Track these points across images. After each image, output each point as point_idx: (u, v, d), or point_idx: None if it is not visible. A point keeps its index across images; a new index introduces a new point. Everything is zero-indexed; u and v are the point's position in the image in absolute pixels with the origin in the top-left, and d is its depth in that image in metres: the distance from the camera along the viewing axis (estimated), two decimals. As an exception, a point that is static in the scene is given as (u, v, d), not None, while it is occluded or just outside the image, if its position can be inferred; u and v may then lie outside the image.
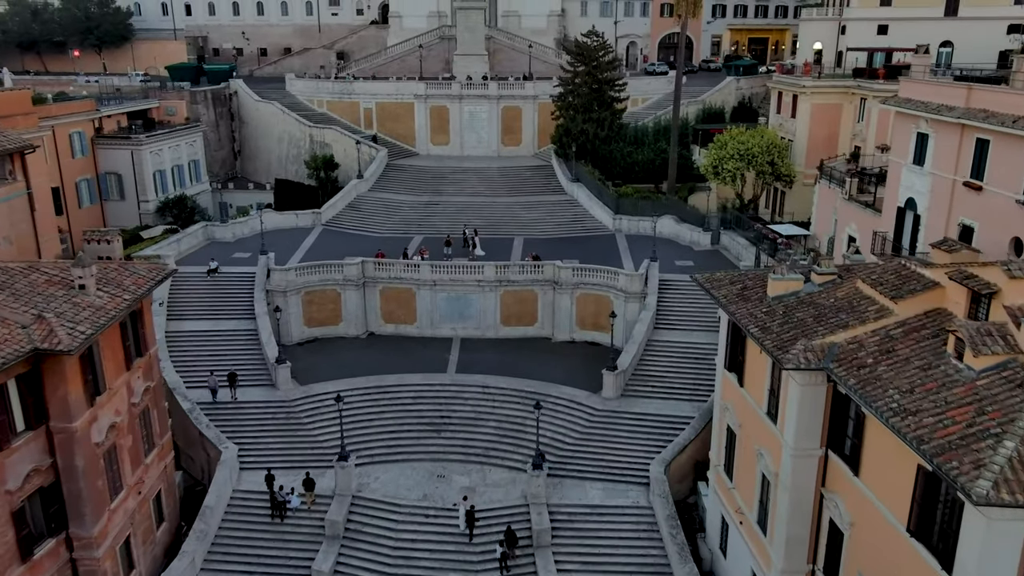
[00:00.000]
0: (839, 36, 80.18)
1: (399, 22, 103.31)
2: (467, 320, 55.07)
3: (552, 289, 54.20)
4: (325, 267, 54.39)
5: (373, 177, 74.21)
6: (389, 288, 55.15)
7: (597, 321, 53.82)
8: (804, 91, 63.79)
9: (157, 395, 37.52)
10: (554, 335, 54.77)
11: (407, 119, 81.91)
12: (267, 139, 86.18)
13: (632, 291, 51.73)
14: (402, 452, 43.27)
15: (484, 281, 54.14)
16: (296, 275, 53.72)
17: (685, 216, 64.74)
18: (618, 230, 66.06)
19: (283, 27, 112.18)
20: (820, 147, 64.51)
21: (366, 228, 67.94)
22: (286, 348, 52.69)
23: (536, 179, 75.06)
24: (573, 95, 72.30)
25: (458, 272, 54.37)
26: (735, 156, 60.56)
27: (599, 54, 71.56)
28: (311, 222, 69.10)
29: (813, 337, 26.74)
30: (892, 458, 22.91)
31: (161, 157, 71.74)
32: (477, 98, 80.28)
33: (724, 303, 31.42)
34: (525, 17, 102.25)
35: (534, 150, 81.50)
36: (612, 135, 72.08)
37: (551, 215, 68.70)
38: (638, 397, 45.81)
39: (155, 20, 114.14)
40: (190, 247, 61.67)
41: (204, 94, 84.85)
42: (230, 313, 52.97)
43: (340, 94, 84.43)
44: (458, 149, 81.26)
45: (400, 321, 55.56)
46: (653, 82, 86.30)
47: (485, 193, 72.64)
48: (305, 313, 54.46)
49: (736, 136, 61.67)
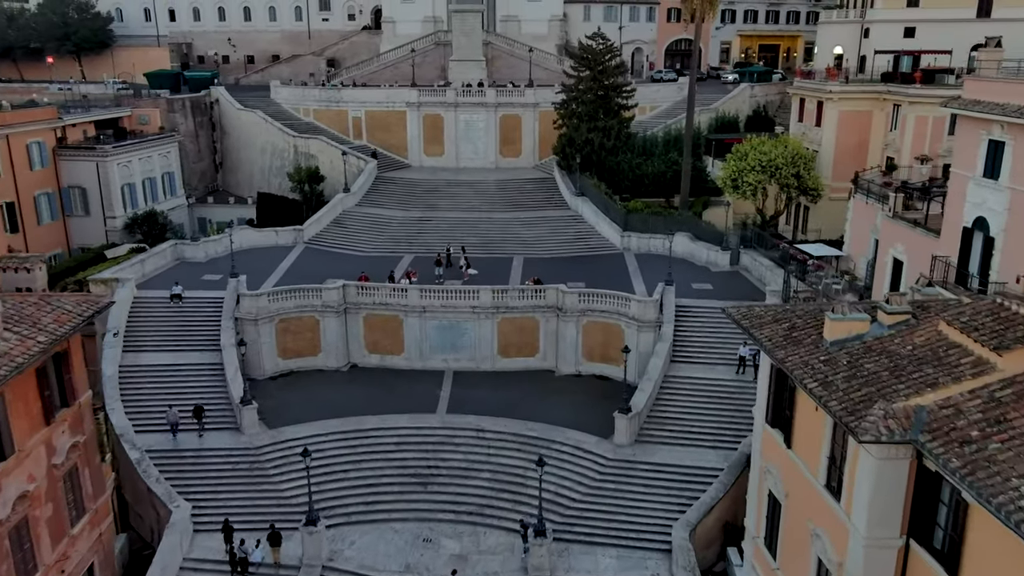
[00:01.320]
0: (861, 39, 74.93)
1: (392, 27, 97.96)
2: (460, 351, 49.31)
3: (555, 316, 48.49)
4: (302, 292, 48.69)
5: (361, 191, 68.61)
6: (373, 315, 49.44)
7: (606, 352, 48.09)
8: (831, 97, 58.27)
9: (89, 450, 31.69)
10: (558, 367, 49.02)
11: (398, 128, 76.38)
12: (249, 150, 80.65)
13: (646, 319, 45.99)
14: (382, 510, 37.41)
15: (479, 307, 48.43)
16: (269, 301, 48.00)
17: (700, 233, 59.09)
18: (627, 249, 60.43)
19: (271, 33, 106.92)
20: (848, 158, 58.92)
21: (352, 246, 62.30)
22: (257, 383, 47.15)
23: (537, 193, 69.47)
24: (577, 102, 66.81)
25: (450, 297, 48.67)
26: (757, 168, 54.95)
27: (605, 58, 66.11)
28: (292, 240, 63.48)
29: (892, 398, 20.94)
30: (1013, 564, 17.14)
31: (130, 169, 66.12)
32: (474, 106, 74.82)
33: (770, 348, 25.65)
34: (525, 22, 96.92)
35: (535, 161, 75.99)
36: (619, 145, 66.51)
37: (553, 232, 63.05)
38: (655, 444, 39.96)
39: (137, 26, 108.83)
40: (156, 268, 55.95)
41: (182, 102, 79.35)
42: (195, 344, 47.19)
43: (327, 102, 78.98)
44: (453, 160, 75.72)
45: (386, 351, 49.82)
46: (662, 89, 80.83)
47: (482, 208, 67.04)
48: (279, 343, 48.70)
49: (757, 146, 56.11)
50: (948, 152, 52.64)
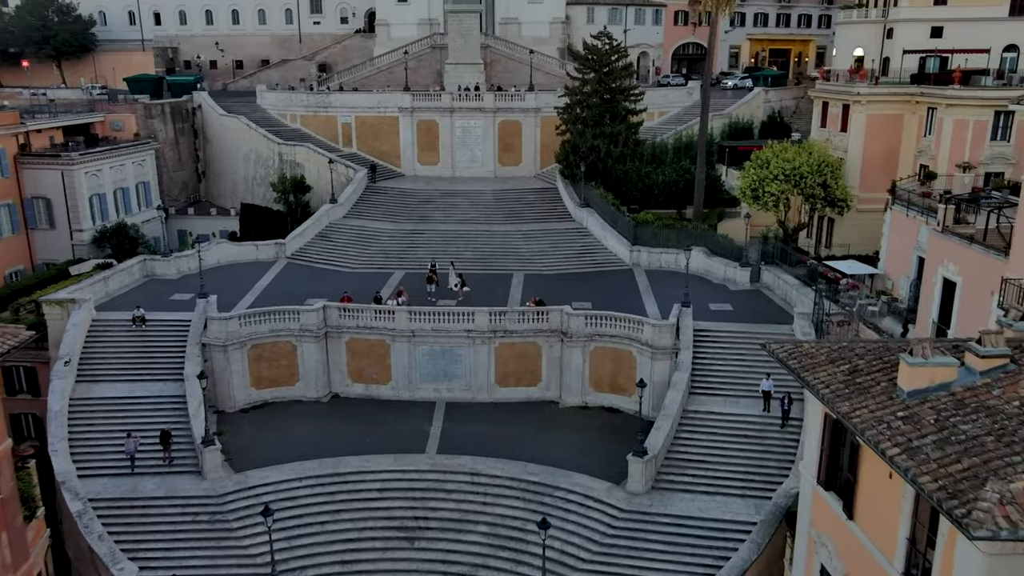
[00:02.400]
0: (884, 40, 70.29)
1: (387, 31, 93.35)
2: (454, 380, 44.39)
3: (559, 341, 43.59)
4: (277, 315, 43.80)
5: (349, 201, 63.81)
6: (357, 340, 44.53)
7: (615, 381, 43.19)
8: (858, 100, 53.49)
9: (8, 511, 26.73)
10: (562, 398, 44.08)
11: (390, 135, 71.66)
12: (232, 158, 75.97)
13: (661, 345, 41.07)
14: (363, 571, 32.41)
15: (475, 331, 43.53)
16: (240, 325, 43.08)
17: (716, 248, 54.25)
18: (636, 264, 55.58)
19: (260, 37, 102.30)
20: (877, 166, 54.21)
21: (338, 262, 57.46)
22: (226, 417, 42.35)
23: (538, 204, 64.65)
24: (581, 106, 62.08)
25: (442, 320, 43.75)
26: (780, 177, 50.13)
27: (611, 59, 61.43)
28: (274, 254, 58.64)
29: (1006, 474, 16.04)
30: None
31: (100, 178, 61.34)
32: (471, 111, 70.11)
33: (830, 398, 20.71)
34: (525, 24, 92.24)
35: (536, 170, 71.24)
36: (627, 153, 61.72)
37: (556, 247, 58.20)
38: (675, 491, 34.96)
39: (121, 30, 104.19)
40: (122, 287, 51.08)
41: (161, 108, 74.76)
42: (157, 373, 42.26)
43: (315, 108, 74.30)
44: (448, 169, 70.97)
45: (371, 380, 44.90)
46: (671, 93, 76.15)
47: (479, 220, 62.21)
48: (252, 372, 43.78)
49: (780, 153, 51.32)
50: (992, 159, 47.99)
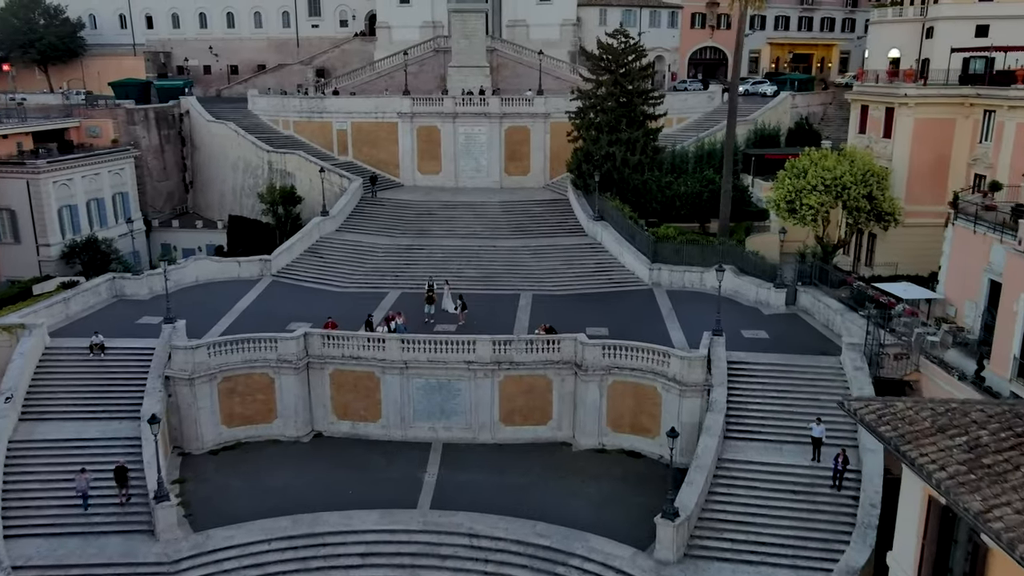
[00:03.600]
0: (923, 40, 64.87)
1: (388, 34, 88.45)
2: (452, 417, 39.02)
3: (573, 375, 38.22)
4: (252, 343, 38.56)
5: (342, 214, 58.67)
6: (343, 371, 39.26)
7: (637, 421, 37.76)
8: (905, 103, 48.07)
9: None
10: (576, 439, 38.66)
11: (388, 143, 66.60)
12: (220, 167, 71.01)
13: (690, 381, 35.62)
14: (337, 660, 27.00)
15: (476, 363, 38.18)
16: (209, 354, 37.84)
17: (746, 266, 48.85)
18: (656, 284, 50.23)
19: (256, 41, 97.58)
20: (925, 175, 48.85)
21: (328, 280, 52.27)
22: (192, 461, 37.17)
23: (548, 217, 59.36)
24: (595, 110, 56.87)
25: (439, 349, 38.39)
26: (820, 188, 44.73)
27: (628, 58, 56.24)
28: (258, 272, 53.53)
29: None
30: None
31: (71, 189, 56.44)
32: (475, 116, 65.00)
33: (951, 487, 15.19)
34: (534, 27, 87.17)
35: (545, 180, 65.99)
36: (645, 161, 56.40)
37: (568, 264, 52.86)
38: (711, 559, 29.45)
39: (112, 34, 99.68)
40: (86, 308, 46.01)
41: (144, 113, 69.91)
42: (113, 410, 37.02)
43: (309, 113, 69.32)
44: (451, 179, 65.81)
45: (358, 417, 39.60)
46: (690, 98, 70.85)
47: (483, 234, 56.95)
48: (224, 407, 38.54)
49: (819, 161, 45.90)
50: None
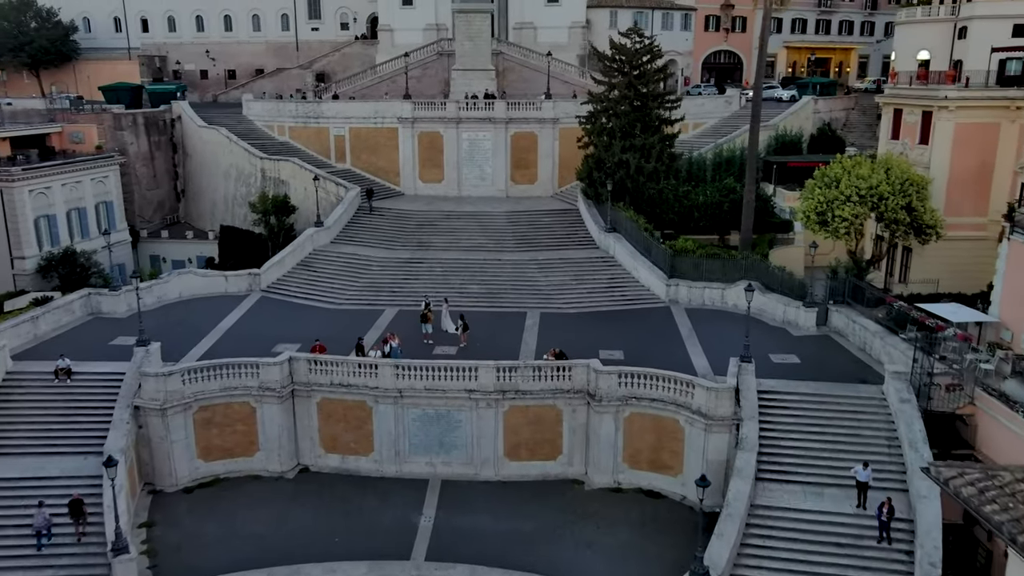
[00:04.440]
0: (954, 41, 61.23)
1: (390, 37, 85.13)
2: (451, 451, 35.35)
3: (585, 405, 34.52)
4: (231, 369, 34.99)
5: (337, 225, 55.15)
6: (332, 400, 35.62)
7: (657, 457, 34.02)
8: (945, 106, 44.34)
9: None
10: (589, 477, 34.93)
11: (388, 149, 63.06)
12: (212, 175, 67.69)
13: (717, 414, 31.87)
14: None
15: (479, 391, 34.51)
16: (184, 382, 34.26)
17: (771, 282, 45.12)
18: (673, 301, 46.55)
19: (254, 44, 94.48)
20: (966, 184, 45.22)
21: (321, 296, 48.68)
22: (164, 500, 33.65)
23: (557, 228, 55.70)
24: (608, 115, 53.27)
25: (438, 376, 34.72)
26: (854, 198, 40.99)
27: (642, 59, 52.66)
28: (247, 287, 50.04)
29: None
30: None
31: (49, 198, 53.10)
32: (479, 121, 61.44)
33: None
34: (542, 29, 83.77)
35: (554, 189, 62.40)
36: (661, 169, 52.74)
37: (578, 279, 49.17)
38: (746, 627, 25.67)
39: (107, 37, 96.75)
40: (58, 327, 42.50)
41: (133, 118, 66.64)
42: (77, 443, 33.40)
43: (305, 118, 65.89)
44: (454, 188, 62.25)
45: (348, 451, 35.95)
46: (707, 103, 67.21)
47: (487, 247, 53.33)
48: (200, 440, 34.96)
49: (852, 169, 42.17)
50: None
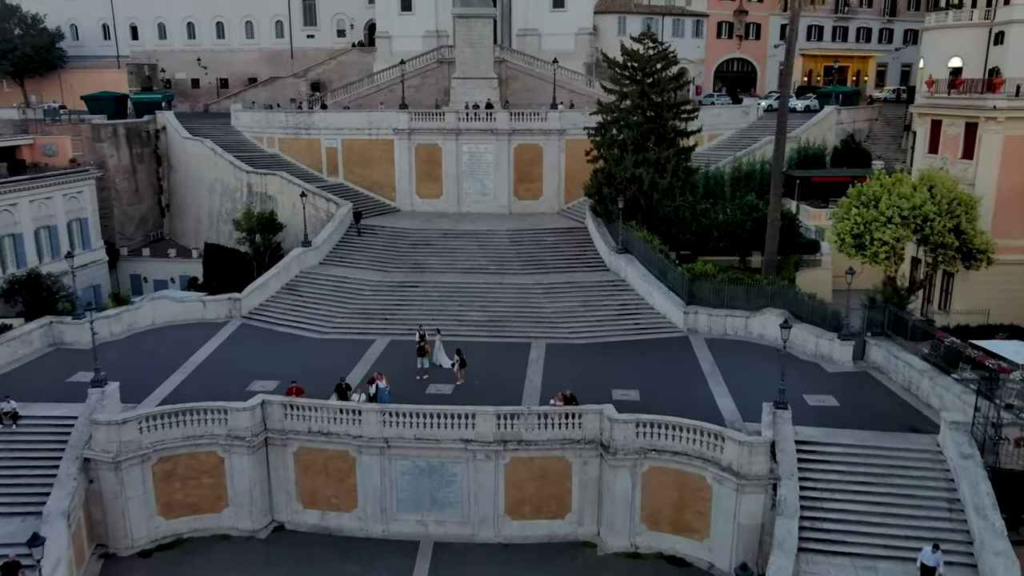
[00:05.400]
0: (990, 46, 57.16)
1: (388, 44, 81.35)
2: (445, 508, 31.14)
3: (598, 457, 30.34)
4: (196, 415, 30.85)
5: (327, 244, 51.17)
6: (310, 450, 31.49)
7: (680, 518, 29.78)
8: (993, 116, 40.15)
9: None
10: (602, 538, 30.69)
11: (383, 162, 59.19)
12: (196, 189, 63.84)
13: (751, 473, 27.63)
14: None
15: (476, 442, 30.34)
16: (141, 430, 30.14)
17: (801, 311, 40.90)
18: (692, 330, 42.41)
19: (248, 52, 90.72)
20: (1015, 203, 40.89)
21: (306, 323, 44.62)
22: (118, 565, 29.35)
23: (564, 248, 51.65)
24: (619, 126, 49.26)
25: (429, 424, 30.56)
26: (896, 219, 36.81)
27: (656, 66, 48.67)
28: (226, 313, 46.00)
29: None
30: None
31: (15, 215, 49.27)
32: (481, 133, 57.53)
33: None
34: (547, 36, 79.87)
35: (560, 205, 58.42)
36: (677, 184, 48.66)
37: (587, 305, 45.04)
38: None
39: (95, 45, 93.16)
40: (12, 361, 38.42)
41: (113, 129, 62.89)
42: (18, 503, 29.22)
43: (295, 129, 62.08)
44: (453, 203, 58.31)
45: (329, 506, 31.78)
46: (723, 113, 63.16)
47: (489, 269, 49.28)
48: (160, 495, 30.85)
49: (892, 187, 37.98)
50: None
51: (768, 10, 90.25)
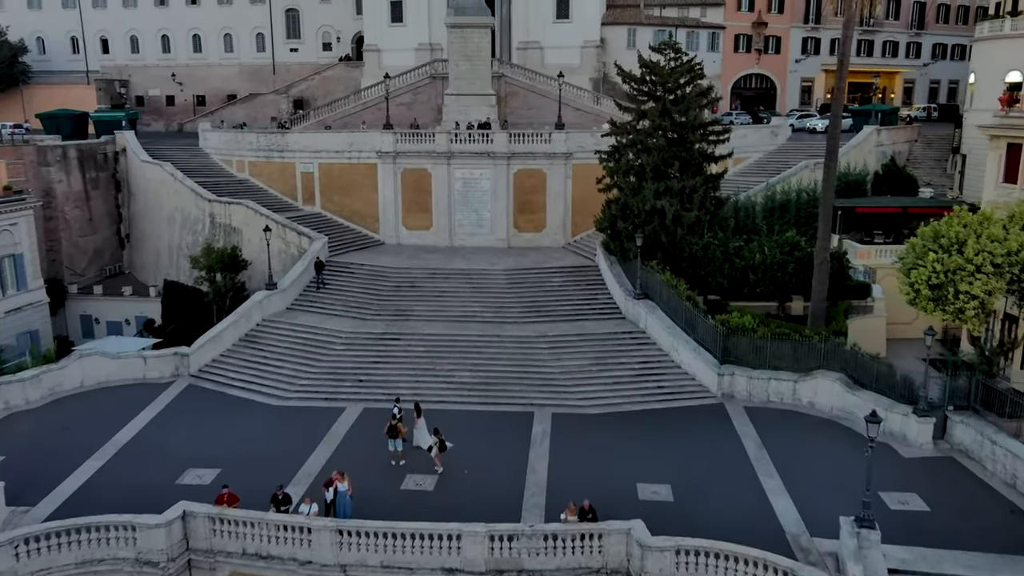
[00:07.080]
0: (1055, 59, 50.14)
1: (377, 58, 74.68)
2: (423, 656, 23.62)
3: (624, 591, 22.88)
4: (95, 533, 23.44)
5: (296, 287, 43.95)
6: (246, 576, 24.08)
7: (734, 675, 22.21)
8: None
9: None
10: None
11: (365, 189, 52.15)
12: (156, 219, 56.78)
13: (835, 627, 20.23)
14: None
15: (463, 572, 22.87)
16: (20, 555, 22.74)
17: (863, 375, 33.72)
18: (728, 396, 35.19)
19: (226, 67, 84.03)
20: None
21: (265, 385, 37.29)
22: None
23: (572, 290, 44.37)
24: (636, 149, 42.16)
25: (400, 547, 23.11)
26: (987, 268, 29.59)
27: (680, 80, 41.66)
28: (171, 370, 38.78)
29: None
30: None
31: (-69, 253, 42.03)
32: (476, 156, 50.52)
33: None
34: (549, 50, 73.18)
35: (566, 239, 51.30)
36: (705, 218, 41.47)
37: (601, 363, 37.67)
38: None
39: (63, 60, 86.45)
40: None
41: (63, 152, 55.87)
42: None
43: (268, 151, 55.06)
44: (445, 236, 51.18)
45: (271, 650, 24.26)
46: (750, 134, 55.94)
47: (484, 316, 41.98)
48: (47, 637, 23.36)
49: (979, 228, 30.74)
50: None
51: (788, 22, 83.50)
